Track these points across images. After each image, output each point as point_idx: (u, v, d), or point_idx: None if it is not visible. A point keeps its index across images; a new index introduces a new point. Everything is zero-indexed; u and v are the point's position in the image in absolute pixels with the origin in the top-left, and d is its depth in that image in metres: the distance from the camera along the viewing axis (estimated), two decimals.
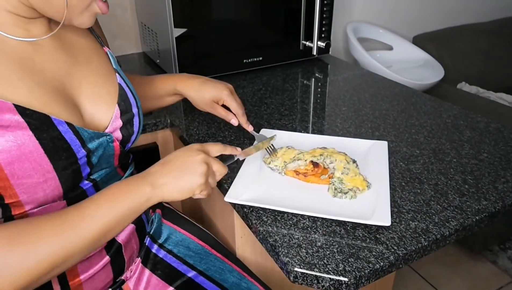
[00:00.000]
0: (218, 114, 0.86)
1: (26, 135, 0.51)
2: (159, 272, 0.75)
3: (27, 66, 0.55)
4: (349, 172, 0.72)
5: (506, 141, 0.87)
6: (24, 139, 0.51)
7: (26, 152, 0.51)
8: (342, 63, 1.39)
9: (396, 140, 0.88)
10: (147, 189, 0.57)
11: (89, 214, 0.53)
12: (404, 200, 0.69)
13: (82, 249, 0.52)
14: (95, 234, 0.53)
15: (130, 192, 0.56)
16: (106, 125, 0.64)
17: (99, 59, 0.68)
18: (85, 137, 0.58)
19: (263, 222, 0.65)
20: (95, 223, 0.53)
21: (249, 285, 0.76)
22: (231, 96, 0.84)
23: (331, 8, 1.28)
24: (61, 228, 0.50)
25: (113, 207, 0.54)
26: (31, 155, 0.52)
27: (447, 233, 0.62)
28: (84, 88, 0.63)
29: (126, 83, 0.70)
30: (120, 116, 0.66)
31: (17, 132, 0.51)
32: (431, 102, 1.06)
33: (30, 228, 0.49)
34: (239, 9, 1.20)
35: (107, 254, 0.67)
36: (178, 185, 0.59)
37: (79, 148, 0.57)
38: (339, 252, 0.59)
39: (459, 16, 2.10)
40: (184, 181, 0.59)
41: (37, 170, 0.52)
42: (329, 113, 1.02)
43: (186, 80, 0.86)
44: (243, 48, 1.24)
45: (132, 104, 0.69)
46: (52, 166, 0.53)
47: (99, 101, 0.64)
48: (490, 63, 2.02)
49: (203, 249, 0.80)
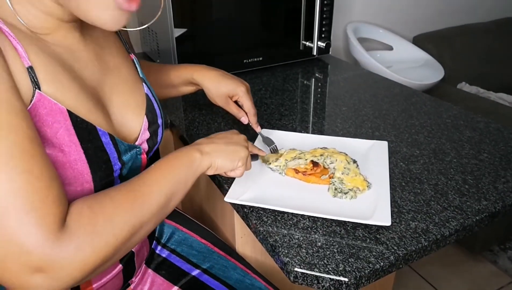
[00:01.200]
0: (230, 110, 0.87)
1: (73, 142, 0.51)
2: (163, 272, 0.75)
3: (70, 71, 0.54)
4: (349, 172, 0.72)
5: (506, 141, 0.87)
6: (71, 147, 0.51)
7: (71, 160, 0.51)
8: (342, 63, 1.39)
9: (396, 140, 0.88)
10: (197, 155, 0.60)
11: (154, 179, 0.54)
12: (404, 200, 0.69)
13: (155, 213, 0.53)
14: (162, 196, 0.54)
15: (184, 158, 0.59)
16: (134, 136, 0.64)
17: (127, 67, 0.67)
18: (122, 149, 0.58)
19: (263, 222, 0.65)
20: (161, 186, 0.54)
21: (253, 281, 0.76)
22: (246, 94, 0.85)
23: (331, 8, 1.28)
24: (133, 194, 0.51)
25: (173, 171, 0.57)
26: (75, 163, 0.51)
27: (447, 233, 0.62)
28: (114, 97, 0.62)
29: (152, 93, 0.69)
30: (148, 128, 0.65)
31: (65, 139, 0.50)
32: (431, 102, 1.06)
33: (107, 198, 0.50)
34: (239, 9, 1.20)
35: (120, 262, 0.67)
36: (225, 153, 0.63)
37: (116, 160, 0.57)
38: (339, 252, 0.59)
39: (459, 16, 2.10)
40: (231, 150, 0.63)
41: (78, 178, 0.52)
42: (329, 113, 1.02)
43: (204, 70, 0.86)
44: (243, 48, 1.24)
45: (158, 115, 0.68)
46: (91, 177, 0.53)
47: (128, 111, 0.64)
48: (490, 63, 2.02)
49: (206, 247, 0.80)
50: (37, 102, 0.47)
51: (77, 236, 0.45)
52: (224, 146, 0.63)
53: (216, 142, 0.63)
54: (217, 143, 0.63)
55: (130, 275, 0.70)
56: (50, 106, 0.49)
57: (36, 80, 0.48)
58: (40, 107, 0.48)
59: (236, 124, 0.93)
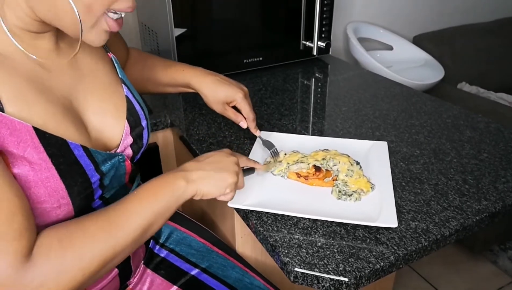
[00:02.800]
0: (228, 116, 0.85)
1: (43, 160, 0.50)
2: (162, 271, 0.75)
3: (37, 84, 0.53)
4: (353, 174, 0.72)
5: (507, 141, 0.87)
6: (41, 165, 0.49)
7: (42, 178, 0.50)
8: (342, 63, 1.39)
9: (396, 140, 0.88)
10: (182, 182, 0.57)
11: (133, 210, 0.53)
12: (405, 200, 0.69)
13: (129, 244, 0.53)
14: (139, 228, 0.53)
15: (167, 186, 0.57)
16: (115, 143, 0.62)
17: (104, 69, 0.65)
18: (99, 160, 0.56)
19: (263, 222, 0.65)
20: (139, 217, 0.53)
21: (252, 280, 0.76)
22: (244, 100, 0.83)
23: (331, 8, 1.28)
24: (108, 226, 0.51)
25: (154, 201, 0.55)
26: (47, 181, 0.50)
27: (447, 233, 0.62)
28: (90, 103, 0.60)
29: (133, 94, 0.67)
30: (130, 133, 0.64)
31: (34, 157, 0.49)
32: (431, 102, 1.06)
33: (79, 229, 0.50)
34: (239, 9, 1.20)
35: (116, 266, 0.66)
36: (212, 180, 0.60)
37: (93, 172, 0.56)
38: (339, 252, 0.59)
39: (459, 16, 2.10)
40: (218, 177, 0.60)
41: (52, 195, 0.51)
42: (329, 113, 1.02)
43: (201, 76, 0.84)
44: (243, 48, 1.24)
45: (141, 117, 0.66)
46: (67, 192, 0.52)
47: (106, 117, 0.62)
48: (490, 63, 2.02)
49: (204, 247, 0.80)
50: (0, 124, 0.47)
51: (43, 273, 0.45)
52: (212, 173, 0.60)
53: (204, 169, 0.60)
54: (204, 169, 0.60)
55: (127, 277, 0.70)
56: (14, 126, 0.47)
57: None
58: (2, 128, 0.47)
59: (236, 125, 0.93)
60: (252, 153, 0.81)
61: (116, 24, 0.54)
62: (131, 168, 0.64)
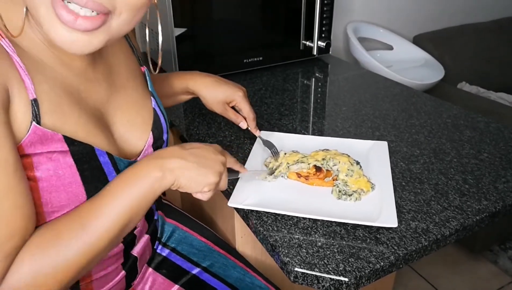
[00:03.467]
0: (228, 116, 0.85)
1: (69, 165, 0.50)
2: (164, 271, 0.75)
3: (74, 94, 0.54)
4: (353, 174, 0.72)
5: (507, 141, 0.87)
6: (66, 170, 0.50)
7: (65, 183, 0.50)
8: (342, 63, 1.39)
9: (396, 140, 0.88)
10: (157, 174, 0.53)
11: (105, 211, 0.50)
12: (405, 200, 0.69)
13: (105, 245, 0.51)
14: (114, 228, 0.51)
15: (141, 179, 0.53)
16: (137, 152, 0.62)
17: (135, 83, 0.65)
18: (121, 167, 0.56)
19: (263, 222, 0.65)
20: (113, 218, 0.51)
21: (253, 279, 0.76)
22: (244, 99, 0.83)
23: (331, 8, 1.28)
24: (81, 231, 0.49)
25: (127, 198, 0.52)
26: (70, 186, 0.50)
27: (448, 233, 0.62)
28: (118, 116, 0.61)
29: (159, 108, 0.68)
30: (152, 144, 0.64)
31: (60, 161, 0.49)
32: (431, 102, 1.06)
33: (54, 237, 0.49)
34: (239, 8, 1.20)
35: (123, 269, 0.66)
36: (192, 174, 0.56)
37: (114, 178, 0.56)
38: (339, 252, 0.59)
39: (459, 16, 2.10)
40: (200, 172, 0.56)
41: (72, 200, 0.51)
42: (329, 113, 1.02)
43: (199, 78, 0.84)
44: (243, 48, 1.24)
45: (164, 130, 0.67)
46: (86, 198, 0.52)
47: (133, 129, 0.62)
48: (490, 63, 2.02)
49: (206, 246, 0.80)
50: (32, 134, 0.47)
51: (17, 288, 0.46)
52: (194, 165, 0.56)
53: (186, 158, 0.56)
54: (186, 159, 0.56)
55: (133, 278, 0.71)
56: (46, 135, 0.48)
57: (37, 113, 0.48)
58: (35, 137, 0.47)
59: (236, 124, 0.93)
60: (252, 153, 0.81)
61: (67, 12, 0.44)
62: None
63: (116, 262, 0.64)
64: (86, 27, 0.46)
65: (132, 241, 0.67)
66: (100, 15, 0.46)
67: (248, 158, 0.79)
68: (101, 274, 0.62)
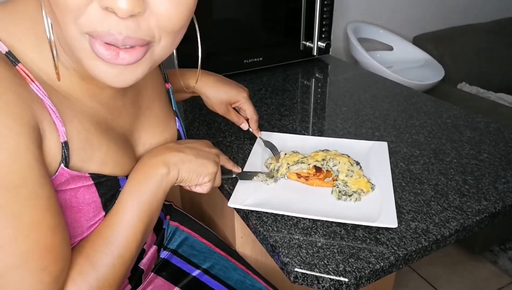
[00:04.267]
0: (230, 117, 0.83)
1: (93, 201, 0.51)
2: (164, 273, 0.75)
3: (102, 125, 0.52)
4: (353, 174, 0.72)
5: (506, 141, 0.87)
6: (90, 205, 0.51)
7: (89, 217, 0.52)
8: (342, 64, 1.39)
9: (396, 140, 0.88)
10: (164, 170, 0.54)
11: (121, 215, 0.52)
12: (405, 200, 0.69)
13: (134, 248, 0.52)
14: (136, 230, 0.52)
15: (149, 179, 0.54)
16: None
17: (161, 102, 0.64)
18: None
19: (263, 222, 0.65)
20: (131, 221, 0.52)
21: (253, 282, 0.76)
22: (248, 100, 0.82)
23: (331, 8, 1.28)
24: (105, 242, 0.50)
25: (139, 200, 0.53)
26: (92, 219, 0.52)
27: (448, 234, 0.62)
28: (142, 139, 0.61)
29: (182, 128, 0.67)
30: None
31: (85, 197, 0.50)
32: (431, 102, 1.06)
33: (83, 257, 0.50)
34: (239, 9, 1.20)
35: (130, 283, 0.67)
36: (192, 165, 0.57)
37: None
38: (339, 253, 0.59)
39: (459, 16, 2.10)
40: (199, 163, 0.57)
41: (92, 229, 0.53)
42: (329, 113, 1.02)
43: (201, 77, 0.82)
44: (243, 48, 1.24)
45: None
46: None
47: None
48: (490, 63, 2.02)
49: (206, 248, 0.80)
50: (59, 175, 0.47)
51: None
52: (192, 157, 0.57)
53: (185, 152, 0.57)
54: (185, 153, 0.57)
55: (137, 287, 0.71)
56: (73, 177, 0.48)
57: (67, 155, 0.47)
58: (61, 178, 0.47)
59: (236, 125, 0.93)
60: (252, 153, 0.81)
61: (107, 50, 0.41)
62: None
63: None
64: (129, 61, 0.42)
65: (141, 254, 0.68)
66: (141, 46, 0.43)
67: (248, 159, 0.79)
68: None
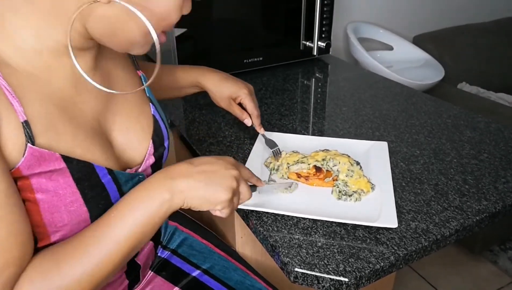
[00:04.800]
0: (233, 111, 0.87)
1: (69, 184, 0.49)
2: (164, 273, 0.75)
3: (69, 109, 0.52)
4: (353, 174, 0.72)
5: (507, 141, 0.87)
6: (66, 189, 0.49)
7: (66, 202, 0.49)
8: (342, 63, 1.39)
9: (396, 140, 0.88)
10: (166, 196, 0.51)
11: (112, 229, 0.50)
12: (405, 200, 0.69)
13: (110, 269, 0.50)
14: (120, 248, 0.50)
15: (149, 199, 0.51)
16: (137, 162, 0.61)
17: (133, 88, 0.64)
18: (122, 181, 0.55)
19: (263, 222, 0.65)
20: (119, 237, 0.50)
21: (253, 282, 0.76)
22: (249, 96, 0.84)
23: (332, 8, 1.28)
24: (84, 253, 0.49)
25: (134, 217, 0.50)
26: (71, 205, 0.50)
27: (448, 234, 0.62)
28: (117, 123, 0.60)
29: (159, 113, 0.66)
30: (153, 153, 0.63)
31: (60, 181, 0.48)
32: (431, 102, 1.06)
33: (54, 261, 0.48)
34: (239, 9, 1.20)
35: (127, 278, 0.66)
36: (202, 193, 0.53)
37: (116, 193, 0.55)
38: (339, 253, 0.59)
39: (459, 16, 2.10)
40: (210, 191, 0.53)
41: (74, 219, 0.50)
42: (329, 113, 1.02)
43: (207, 73, 0.87)
44: (243, 48, 1.24)
45: (164, 137, 0.65)
46: (89, 215, 0.51)
47: (132, 136, 0.61)
48: (490, 63, 2.02)
49: (206, 248, 0.80)
50: (29, 155, 0.46)
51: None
52: (202, 185, 0.53)
53: (195, 177, 0.53)
54: (195, 179, 0.53)
55: (134, 285, 0.71)
56: (43, 156, 0.47)
57: (31, 134, 0.46)
58: (32, 159, 0.47)
59: (237, 123, 0.93)
60: (252, 153, 0.81)
61: (163, 36, 0.53)
62: None
63: (119, 271, 0.64)
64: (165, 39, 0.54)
65: None
66: None
67: (248, 158, 0.79)
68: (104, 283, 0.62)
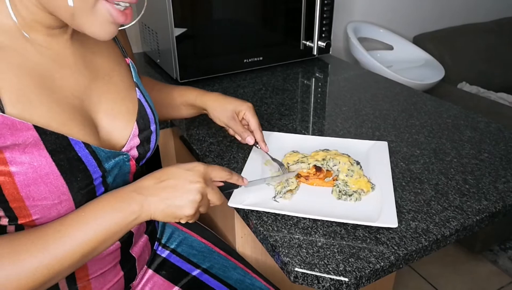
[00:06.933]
0: (236, 128, 0.81)
1: (43, 156, 0.49)
2: (164, 272, 0.75)
3: (46, 83, 0.53)
4: (353, 174, 0.72)
5: (507, 141, 0.87)
6: (41, 161, 0.49)
7: (42, 174, 0.49)
8: (342, 63, 1.39)
9: (396, 140, 0.88)
10: (136, 207, 0.54)
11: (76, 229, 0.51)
12: (405, 200, 0.69)
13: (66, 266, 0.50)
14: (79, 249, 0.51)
15: (120, 209, 0.53)
16: (123, 143, 0.62)
17: (120, 72, 0.65)
18: (102, 157, 0.56)
19: (263, 222, 0.65)
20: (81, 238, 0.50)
21: (253, 281, 0.76)
22: (252, 111, 0.81)
23: (332, 7, 1.28)
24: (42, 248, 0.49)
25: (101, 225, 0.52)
26: (47, 177, 0.50)
27: (448, 233, 0.62)
28: (102, 104, 0.60)
29: (145, 98, 0.67)
30: (138, 134, 0.63)
31: (34, 153, 0.49)
32: (431, 102, 1.06)
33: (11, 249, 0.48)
34: (239, 8, 1.20)
35: (122, 269, 0.66)
36: (165, 207, 0.55)
37: (95, 168, 0.55)
38: (339, 252, 0.59)
39: (459, 16, 2.10)
40: (172, 208, 0.55)
41: (53, 192, 0.51)
42: (329, 113, 1.02)
43: (206, 93, 0.84)
44: (243, 47, 1.24)
45: (150, 121, 0.66)
46: (67, 188, 0.52)
47: (117, 118, 0.62)
48: (490, 63, 2.02)
49: (206, 247, 0.80)
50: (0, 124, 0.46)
51: None
52: (167, 203, 0.55)
53: (158, 195, 0.55)
54: (158, 196, 0.55)
55: (131, 279, 0.71)
56: (15, 125, 0.47)
57: (1, 104, 0.47)
58: (4, 128, 0.46)
59: None
60: (253, 152, 0.81)
61: (121, 14, 0.51)
62: (135, 168, 0.64)
63: (113, 261, 0.64)
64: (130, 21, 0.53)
65: (130, 238, 0.67)
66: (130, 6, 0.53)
67: (248, 158, 0.79)
68: (98, 273, 0.62)
